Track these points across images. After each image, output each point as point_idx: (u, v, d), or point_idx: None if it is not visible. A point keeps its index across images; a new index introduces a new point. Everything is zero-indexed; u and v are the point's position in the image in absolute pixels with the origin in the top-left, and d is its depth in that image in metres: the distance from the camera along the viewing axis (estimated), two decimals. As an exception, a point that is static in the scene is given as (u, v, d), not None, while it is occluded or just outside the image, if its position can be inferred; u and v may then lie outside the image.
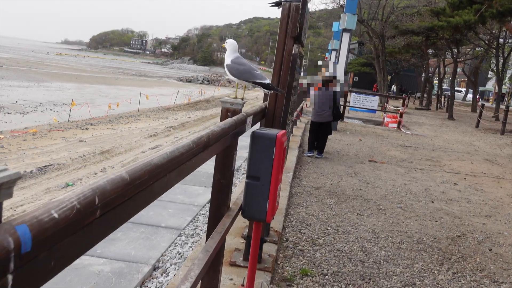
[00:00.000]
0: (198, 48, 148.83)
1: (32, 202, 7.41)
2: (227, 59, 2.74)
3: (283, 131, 2.71)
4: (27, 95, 23.39)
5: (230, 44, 2.78)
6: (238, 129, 2.26)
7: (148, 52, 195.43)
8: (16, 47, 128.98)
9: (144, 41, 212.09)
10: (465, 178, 7.90)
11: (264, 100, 3.68)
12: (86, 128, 15.21)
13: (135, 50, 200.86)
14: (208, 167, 4.57)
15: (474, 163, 9.69)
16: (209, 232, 2.51)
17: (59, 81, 34.38)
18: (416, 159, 9.48)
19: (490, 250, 4.38)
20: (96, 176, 9.26)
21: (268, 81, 2.79)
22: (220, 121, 2.45)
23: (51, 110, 19.61)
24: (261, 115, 3.13)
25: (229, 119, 2.12)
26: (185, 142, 1.36)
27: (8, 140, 12.01)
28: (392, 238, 4.42)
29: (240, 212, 2.70)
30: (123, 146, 12.41)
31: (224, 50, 2.77)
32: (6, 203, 3.04)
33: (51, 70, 47.03)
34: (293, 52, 3.11)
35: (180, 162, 1.25)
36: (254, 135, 2.61)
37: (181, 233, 4.21)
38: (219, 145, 1.88)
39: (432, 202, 5.98)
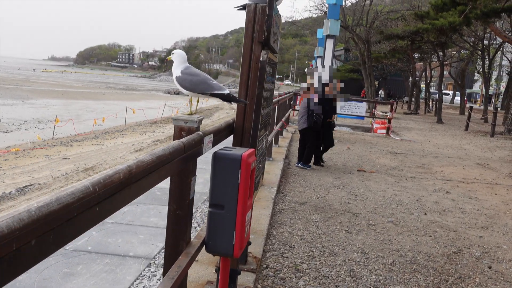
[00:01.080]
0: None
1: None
2: (176, 71, 2.38)
3: (251, 150, 2.34)
4: (11, 113, 22.92)
5: (178, 55, 2.42)
6: (190, 151, 1.88)
7: (135, 66, 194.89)
8: (2, 65, 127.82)
9: (131, 55, 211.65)
10: (458, 186, 7.58)
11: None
12: (71, 145, 14.83)
13: (122, 64, 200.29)
14: (198, 185, 4.27)
15: (466, 169, 9.39)
16: (165, 275, 2.12)
17: (45, 98, 33.84)
18: (406, 166, 9.16)
19: (490, 268, 4.03)
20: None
21: (227, 91, 2.42)
22: (173, 140, 2.08)
23: (35, 127, 19.16)
24: (228, 131, 2.76)
25: (173, 142, 1.74)
26: (79, 186, 0.98)
27: (-12, 161, 11.64)
28: (383, 258, 4.05)
29: (204, 247, 2.32)
30: (107, 162, 12.05)
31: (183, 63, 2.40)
32: None
33: (37, 87, 46.41)
34: (261, 59, 2.75)
35: (61, 219, 0.88)
36: (215, 156, 2.24)
37: (150, 263, 3.80)
38: (157, 178, 1.51)
39: (425, 214, 5.62)
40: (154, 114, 25.88)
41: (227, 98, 2.39)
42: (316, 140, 8.10)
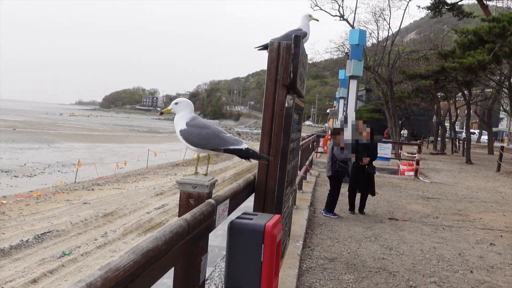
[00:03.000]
0: (208, 103, 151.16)
1: (23, 277, 6.70)
2: (180, 123, 1.97)
3: (276, 218, 1.91)
4: (37, 157, 23.18)
5: (183, 105, 2.02)
6: (199, 229, 1.47)
7: (159, 109, 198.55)
8: (31, 110, 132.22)
9: (155, 98, 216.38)
10: (501, 236, 6.90)
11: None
12: (92, 189, 14.70)
13: (146, 108, 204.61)
14: (214, 238, 3.82)
15: (506, 215, 8.67)
16: None
17: (70, 141, 34.32)
18: (441, 213, 8.51)
19: None
20: (96, 243, 8.60)
21: (244, 145, 1.98)
22: (179, 211, 1.66)
23: (58, 171, 19.22)
24: (248, 191, 2.34)
25: (172, 222, 1.33)
26: None
27: (10, 206, 11.59)
28: (430, 331, 3.48)
29: None
30: (127, 207, 11.81)
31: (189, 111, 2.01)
32: None
33: (63, 131, 47.35)
34: (286, 105, 2.36)
35: None
36: (232, 227, 1.82)
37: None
38: (145, 284, 1.09)
39: (471, 271, 5.00)
40: (176, 156, 25.79)
41: (246, 154, 1.95)
42: (348, 185, 7.79)
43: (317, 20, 3.25)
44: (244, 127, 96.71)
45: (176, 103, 2.03)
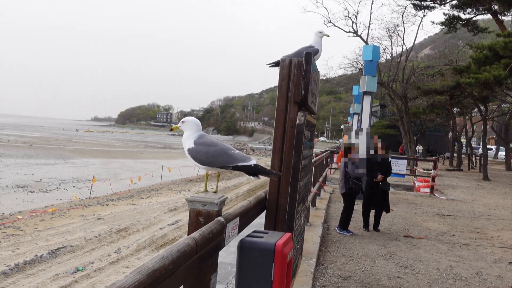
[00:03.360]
0: (222, 119, 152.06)
1: (36, 293, 6.74)
2: (188, 142, 1.98)
3: (287, 236, 1.89)
4: (52, 173, 23.44)
5: (190, 123, 2.03)
6: (207, 248, 1.45)
7: (173, 125, 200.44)
8: (48, 126, 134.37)
9: (169, 114, 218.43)
10: (520, 254, 6.73)
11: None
12: (106, 205, 14.80)
13: (161, 124, 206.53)
14: (226, 255, 3.77)
15: (526, 233, 8.46)
16: None
17: (85, 157, 34.68)
18: (458, 231, 8.34)
19: None
20: (110, 258, 8.62)
21: (253, 161, 1.97)
22: (188, 229, 1.65)
23: (74, 187, 19.39)
24: (259, 208, 2.33)
25: (180, 242, 1.32)
26: None
27: (26, 221, 11.71)
28: None
29: None
30: (141, 223, 11.85)
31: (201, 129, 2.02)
32: None
33: (79, 146, 47.93)
34: (297, 122, 2.36)
35: None
36: (242, 246, 1.80)
37: None
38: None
39: (489, 292, 4.88)
40: (189, 172, 25.86)
41: (254, 170, 1.94)
42: (362, 202, 7.75)
43: (328, 36, 3.26)
44: (258, 143, 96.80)
45: (183, 122, 2.05)
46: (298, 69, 2.41)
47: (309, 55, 2.47)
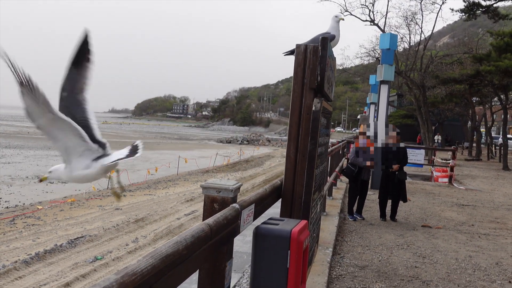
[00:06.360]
0: (237, 110, 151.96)
1: (56, 280, 6.85)
2: (71, 168, 2.12)
3: (303, 223, 1.87)
4: (71, 164, 23.77)
5: (57, 168, 2.30)
6: (222, 234, 1.44)
7: (189, 116, 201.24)
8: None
9: (185, 106, 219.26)
10: (542, 245, 6.60)
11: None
12: (124, 195, 14.95)
13: (177, 115, 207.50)
14: (243, 244, 3.73)
15: (547, 223, 8.30)
16: None
17: (103, 148, 35.03)
18: (477, 221, 8.22)
19: None
20: (127, 248, 8.73)
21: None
22: (203, 216, 1.64)
23: (92, 177, 19.65)
24: (275, 196, 2.31)
25: (195, 227, 1.31)
26: None
27: (46, 211, 11.91)
28: None
29: None
30: (158, 213, 11.95)
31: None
32: (28, 282, 3.60)
33: (96, 138, 48.45)
34: (313, 108, 2.33)
35: None
36: (257, 233, 1.79)
37: None
38: (170, 285, 1.07)
39: (509, 282, 4.80)
40: (206, 163, 25.99)
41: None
42: (359, 190, 7.80)
43: (343, 20, 3.22)
44: (274, 134, 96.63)
45: (50, 172, 2.18)
46: (314, 54, 2.37)
47: (325, 40, 2.43)
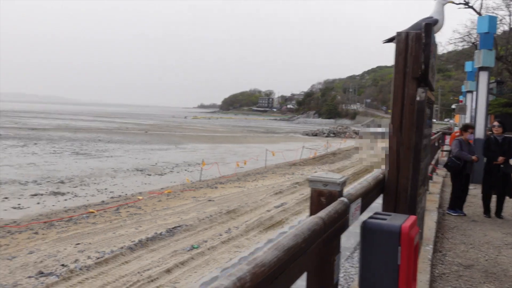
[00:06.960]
0: (322, 102, 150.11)
1: (158, 266, 7.28)
2: None
3: (412, 219, 1.78)
4: (166, 157, 25.19)
5: None
6: (333, 228, 1.42)
7: (274, 110, 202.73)
8: (160, 114, 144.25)
9: (270, 99, 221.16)
10: None
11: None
12: (215, 187, 15.50)
13: (262, 109, 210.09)
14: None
15: None
16: None
17: (194, 142, 36.65)
18: None
19: None
20: (221, 238, 9.04)
21: None
22: (310, 209, 1.63)
23: (185, 170, 20.64)
24: (378, 190, 2.23)
25: (308, 220, 1.29)
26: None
27: (145, 201, 12.72)
28: None
29: None
30: (249, 205, 12.22)
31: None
32: (134, 267, 6.91)
33: (187, 132, 50.82)
34: (417, 98, 2.20)
35: None
36: (365, 227, 1.74)
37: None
38: (290, 279, 1.06)
39: None
40: (292, 156, 26.04)
41: None
42: (463, 184, 7.41)
43: (453, 2, 3.02)
44: (360, 126, 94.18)
45: None
46: (417, 42, 2.25)
47: (429, 26, 2.29)
